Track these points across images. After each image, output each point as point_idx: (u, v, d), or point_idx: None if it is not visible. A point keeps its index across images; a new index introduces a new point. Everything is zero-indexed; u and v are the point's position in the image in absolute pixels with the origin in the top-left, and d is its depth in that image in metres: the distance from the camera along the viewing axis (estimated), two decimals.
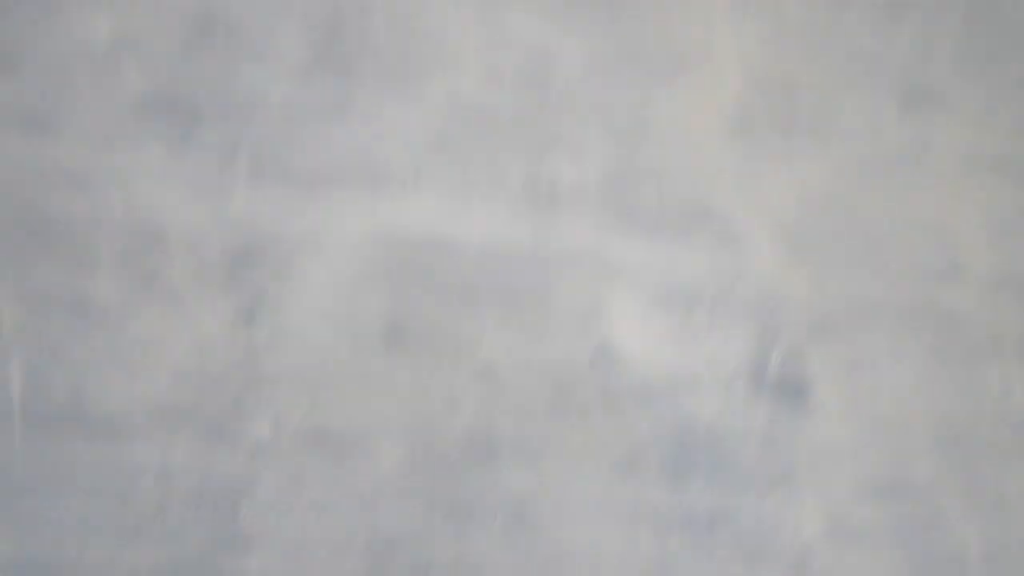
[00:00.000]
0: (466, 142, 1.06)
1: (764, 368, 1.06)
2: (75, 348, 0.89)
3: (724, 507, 0.98)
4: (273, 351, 0.93)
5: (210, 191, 0.97)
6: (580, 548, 0.92)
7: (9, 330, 0.88)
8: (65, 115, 0.97)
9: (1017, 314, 1.19)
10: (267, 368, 0.92)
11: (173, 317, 0.92)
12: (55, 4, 1.01)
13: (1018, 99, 1.29)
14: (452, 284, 1.00)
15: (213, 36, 1.03)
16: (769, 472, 1.02)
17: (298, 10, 1.06)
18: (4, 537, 0.87)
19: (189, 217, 0.96)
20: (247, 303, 0.94)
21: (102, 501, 0.89)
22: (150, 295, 0.92)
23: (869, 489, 1.06)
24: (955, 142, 1.28)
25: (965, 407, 1.12)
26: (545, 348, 1.00)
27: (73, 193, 0.94)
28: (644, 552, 0.94)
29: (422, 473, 0.92)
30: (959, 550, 1.09)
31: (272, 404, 0.91)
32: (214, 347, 0.92)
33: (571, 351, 1.00)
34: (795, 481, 1.03)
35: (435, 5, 1.12)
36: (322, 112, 1.03)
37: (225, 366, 0.91)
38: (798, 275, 1.12)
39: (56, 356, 0.89)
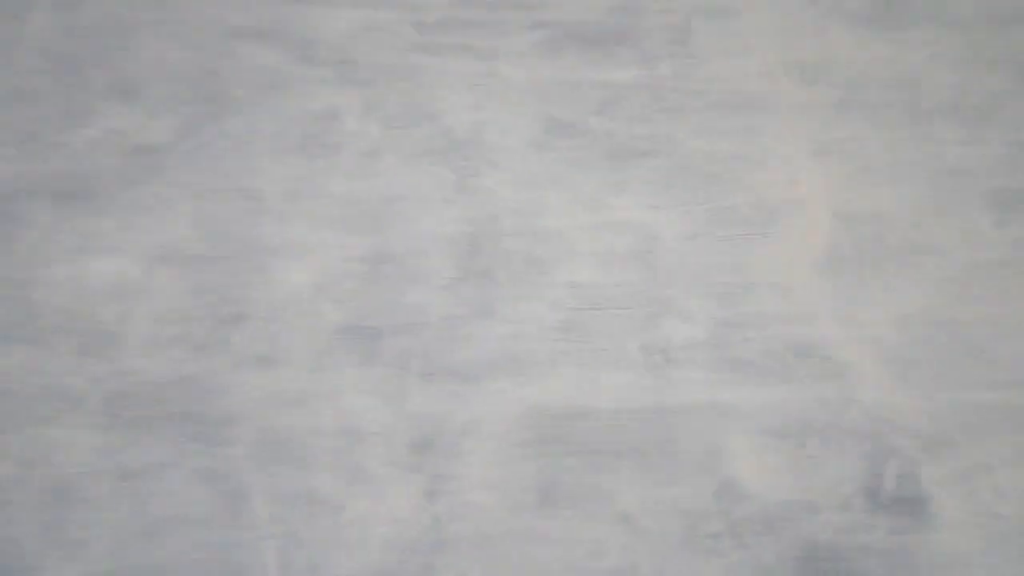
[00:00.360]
0: (589, 322, 1.28)
1: (880, 486, 1.18)
2: (309, 531, 1.18)
3: None
4: (452, 519, 1.17)
5: (393, 394, 1.25)
6: None
7: (265, 523, 1.19)
8: (284, 350, 1.29)
9: None
10: (449, 533, 1.17)
11: (375, 499, 1.19)
12: (269, 265, 1.34)
13: None
14: (590, 446, 1.21)
15: (384, 270, 1.33)
16: None
17: (445, 237, 1.34)
18: None
19: (379, 417, 1.24)
20: (429, 482, 1.19)
21: None
22: (357, 484, 1.20)
23: None
24: None
25: None
26: (675, 491, 1.18)
27: (295, 409, 1.25)
28: None
29: None
30: None
31: (455, 563, 1.15)
32: (407, 520, 1.17)
33: (698, 491, 1.17)
34: None
35: (552, 207, 1.37)
36: (472, 317, 1.29)
37: (416, 535, 1.17)
38: (905, 394, 1.24)
39: (296, 539, 1.18)
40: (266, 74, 1.48)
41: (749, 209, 1.37)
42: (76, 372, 1.26)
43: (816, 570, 1.13)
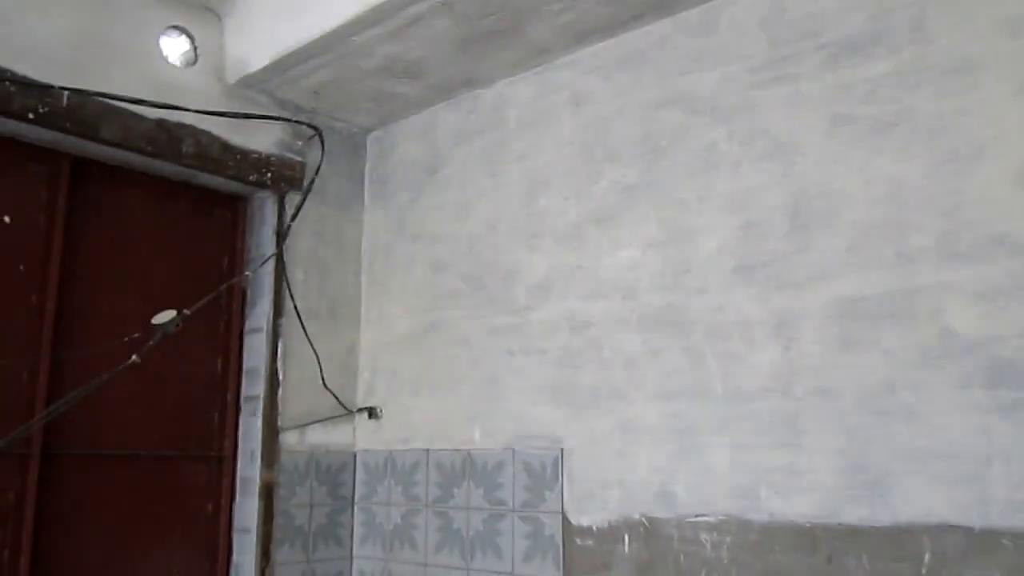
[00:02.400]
0: (867, 239, 2.21)
1: None
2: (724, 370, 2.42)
3: None
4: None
5: (761, 298, 2.39)
6: None
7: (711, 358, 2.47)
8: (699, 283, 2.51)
9: None
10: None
11: (745, 348, 2.37)
12: (696, 242, 2.57)
13: None
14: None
15: (753, 229, 2.44)
16: None
17: (780, 207, 2.39)
18: None
19: (751, 310, 2.39)
20: (784, 343, 2.32)
21: None
22: (740, 349, 2.39)
23: None
24: None
25: None
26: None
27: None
28: None
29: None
30: None
31: None
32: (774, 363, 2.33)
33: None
34: None
35: (839, 176, 2.29)
36: (798, 252, 2.33)
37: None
38: None
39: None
40: (675, 128, 2.67)
41: (966, 148, 2.10)
42: (623, 309, 2.68)
43: None
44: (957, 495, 1.99)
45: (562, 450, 2.74)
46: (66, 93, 2.74)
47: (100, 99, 2.81)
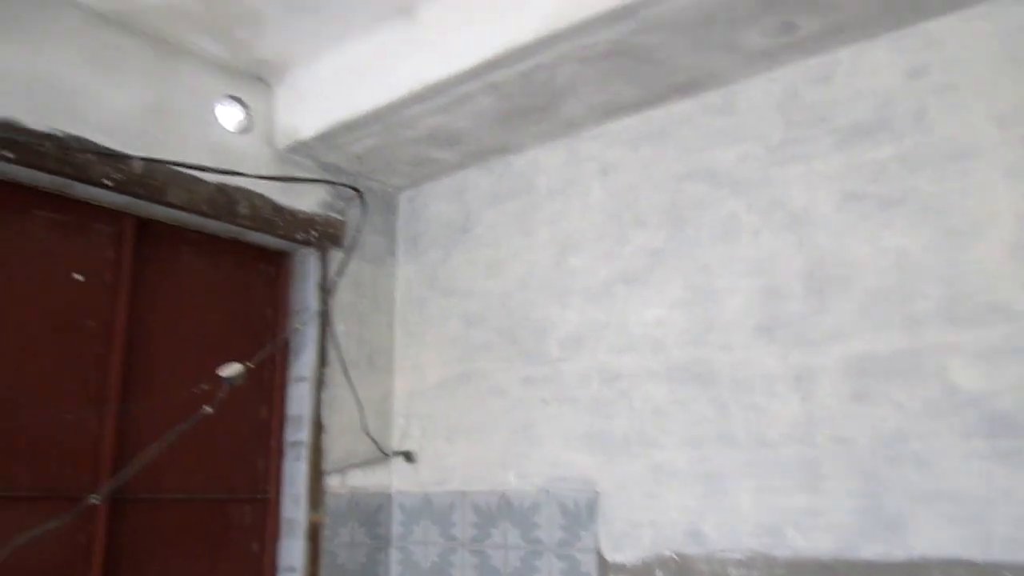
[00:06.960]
0: (867, 295, 2.49)
1: None
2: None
3: None
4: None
5: (785, 342, 2.66)
6: None
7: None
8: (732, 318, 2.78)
9: None
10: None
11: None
12: (716, 295, 2.84)
13: None
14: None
15: (776, 288, 2.71)
16: None
17: (796, 271, 2.67)
18: None
19: (771, 360, 2.66)
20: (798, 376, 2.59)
21: None
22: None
23: None
24: None
25: None
26: None
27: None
28: None
29: None
30: None
31: None
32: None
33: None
34: None
35: (849, 245, 2.58)
36: (814, 305, 2.61)
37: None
38: None
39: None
40: (699, 198, 2.95)
41: (963, 224, 2.39)
42: (652, 362, 2.94)
43: None
44: (963, 532, 2.25)
45: (597, 492, 2.97)
46: (139, 161, 2.98)
47: (168, 166, 3.04)
